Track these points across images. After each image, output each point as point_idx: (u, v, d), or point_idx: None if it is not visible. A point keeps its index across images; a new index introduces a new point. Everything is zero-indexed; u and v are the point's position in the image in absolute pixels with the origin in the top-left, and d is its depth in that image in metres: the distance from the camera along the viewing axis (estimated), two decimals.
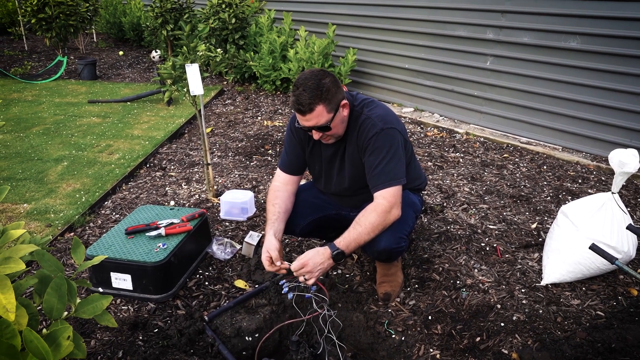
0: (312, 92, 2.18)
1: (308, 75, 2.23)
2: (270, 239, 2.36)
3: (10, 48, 10.87)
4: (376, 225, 2.27)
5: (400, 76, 6.29)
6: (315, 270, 2.21)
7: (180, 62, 3.31)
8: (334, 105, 2.26)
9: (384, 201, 2.29)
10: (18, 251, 1.10)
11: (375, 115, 2.35)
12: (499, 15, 5.09)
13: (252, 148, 4.93)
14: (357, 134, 2.38)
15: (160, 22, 8.36)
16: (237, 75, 7.46)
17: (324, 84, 2.20)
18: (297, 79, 2.25)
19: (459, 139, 5.18)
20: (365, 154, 2.36)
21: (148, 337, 2.41)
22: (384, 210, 2.28)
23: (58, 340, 1.07)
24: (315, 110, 2.21)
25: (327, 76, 2.24)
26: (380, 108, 2.40)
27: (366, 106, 2.40)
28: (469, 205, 3.65)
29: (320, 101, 2.20)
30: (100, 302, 1.24)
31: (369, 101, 2.43)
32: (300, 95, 2.20)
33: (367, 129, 2.34)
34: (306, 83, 2.19)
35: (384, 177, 2.30)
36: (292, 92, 2.25)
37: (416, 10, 5.87)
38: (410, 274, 2.84)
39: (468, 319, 2.50)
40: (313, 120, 2.24)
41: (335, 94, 2.24)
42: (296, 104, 2.23)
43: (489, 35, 5.20)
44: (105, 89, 7.51)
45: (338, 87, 2.27)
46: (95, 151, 4.92)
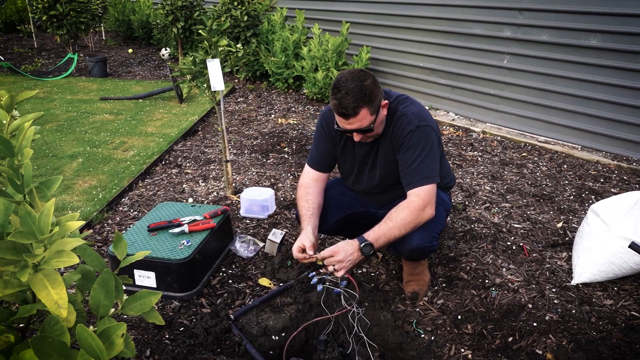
0: (355, 95, 2.12)
1: (349, 77, 2.16)
2: (308, 233, 2.32)
3: (19, 45, 10.85)
4: (408, 222, 2.22)
5: (415, 74, 6.24)
6: (345, 260, 2.16)
7: (201, 57, 3.27)
8: (376, 107, 2.21)
9: (417, 199, 2.24)
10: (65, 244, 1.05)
11: (410, 113, 2.30)
12: (516, 13, 5.03)
13: (267, 146, 4.88)
14: (392, 130, 2.33)
15: (170, 20, 8.33)
16: (249, 73, 7.42)
17: (366, 87, 2.14)
18: (336, 81, 2.18)
19: (475, 138, 5.13)
20: (400, 151, 2.31)
21: (174, 335, 2.36)
22: (417, 207, 2.23)
23: (111, 338, 1.03)
24: (359, 113, 2.16)
25: (367, 77, 2.18)
26: (415, 105, 2.36)
27: (401, 103, 2.35)
28: (492, 204, 3.60)
29: (364, 104, 2.14)
30: (148, 299, 1.20)
31: (404, 98, 2.39)
32: (343, 98, 2.13)
33: (402, 126, 2.29)
34: (348, 86, 2.13)
35: (418, 175, 2.25)
36: (332, 94, 2.18)
37: (431, 8, 5.82)
38: (437, 272, 2.80)
39: (499, 319, 2.45)
40: (356, 123, 2.19)
41: (377, 96, 2.19)
42: (339, 108, 2.16)
43: (506, 33, 5.14)
44: (116, 87, 7.48)
45: (379, 87, 2.22)
46: (109, 148, 4.89)
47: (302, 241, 2.27)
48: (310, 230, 2.34)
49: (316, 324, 2.54)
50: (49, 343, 0.99)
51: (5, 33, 12.37)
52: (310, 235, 2.31)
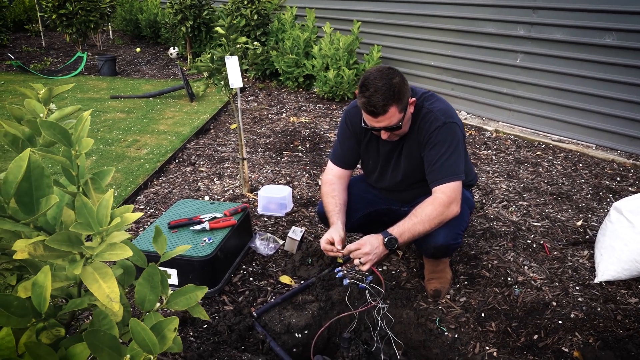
0: (384, 93, 2.11)
1: (377, 75, 2.15)
2: (338, 228, 2.32)
3: (27, 44, 10.87)
4: (432, 217, 2.21)
5: (426, 74, 6.22)
6: (372, 253, 2.15)
7: (220, 54, 3.26)
8: (405, 104, 2.20)
9: (443, 195, 2.23)
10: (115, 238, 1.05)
11: (437, 109, 2.29)
12: (530, 12, 5.01)
13: (281, 144, 4.87)
14: (418, 127, 2.32)
15: (179, 19, 8.32)
16: (258, 72, 7.41)
17: (395, 85, 2.12)
18: (365, 79, 2.16)
19: (489, 137, 5.11)
20: (426, 147, 2.30)
21: (198, 333, 2.36)
22: (442, 204, 2.22)
23: (163, 332, 1.02)
24: (388, 111, 2.15)
25: (396, 75, 2.16)
26: (440, 102, 2.35)
27: (427, 100, 2.34)
28: (509, 202, 3.59)
29: (393, 102, 2.13)
30: (194, 293, 1.19)
31: (429, 94, 2.37)
32: (372, 96, 2.12)
33: (428, 123, 2.28)
34: (377, 84, 2.11)
35: (444, 171, 2.24)
36: (360, 92, 2.17)
37: (443, 7, 5.80)
38: (459, 270, 2.78)
39: (523, 317, 2.43)
40: (385, 121, 2.18)
41: (405, 94, 2.18)
42: (368, 106, 2.15)
43: (520, 32, 5.13)
44: (126, 85, 7.48)
45: (406, 85, 2.21)
46: (122, 146, 4.89)
47: (331, 234, 2.27)
48: (340, 225, 2.34)
49: (338, 321, 2.53)
50: (101, 337, 0.99)
51: (13, 32, 12.38)
52: (340, 230, 2.31)
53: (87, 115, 1.00)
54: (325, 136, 5.08)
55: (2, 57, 9.28)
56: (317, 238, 3.13)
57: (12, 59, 8.64)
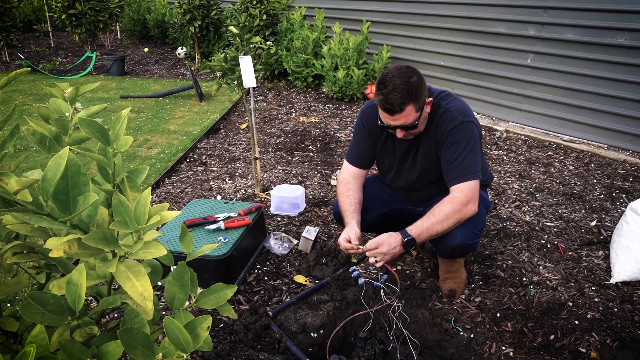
0: (402, 91, 2.11)
1: (395, 73, 2.15)
2: (353, 226, 2.33)
3: (36, 44, 10.91)
4: (450, 216, 2.21)
5: (436, 74, 6.21)
6: (388, 253, 2.17)
7: (233, 54, 3.27)
8: (422, 103, 2.20)
9: (460, 194, 2.23)
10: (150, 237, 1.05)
11: (454, 108, 2.29)
12: (541, 12, 5.00)
13: (291, 144, 4.88)
14: (435, 126, 2.32)
15: (187, 19, 8.34)
16: (267, 72, 7.42)
17: (412, 83, 2.13)
18: (382, 77, 2.17)
19: (499, 137, 5.10)
20: (443, 147, 2.30)
21: (215, 332, 2.36)
22: (460, 202, 2.22)
23: (196, 331, 1.03)
24: (405, 110, 2.15)
25: (414, 74, 2.17)
26: (457, 101, 2.35)
27: (443, 99, 2.34)
28: (522, 202, 3.58)
29: (410, 101, 2.14)
30: (224, 292, 1.19)
31: (446, 94, 2.37)
32: (389, 94, 2.13)
33: (445, 122, 2.28)
34: (395, 82, 2.12)
35: (461, 170, 2.24)
36: (377, 90, 2.18)
37: (453, 6, 5.79)
38: (473, 270, 2.78)
39: (539, 317, 2.43)
40: (401, 120, 2.19)
41: (422, 93, 2.19)
42: (385, 104, 2.16)
43: (531, 32, 5.11)
44: (135, 85, 7.51)
45: (424, 84, 2.21)
46: (133, 145, 4.90)
47: (348, 233, 2.28)
48: (355, 224, 2.35)
49: (353, 321, 2.53)
50: (135, 335, 0.99)
51: (22, 32, 12.43)
52: (356, 228, 2.32)
53: (126, 113, 1.01)
54: (336, 136, 5.08)
55: (12, 57, 9.32)
56: (331, 238, 3.13)
57: (21, 59, 8.68)
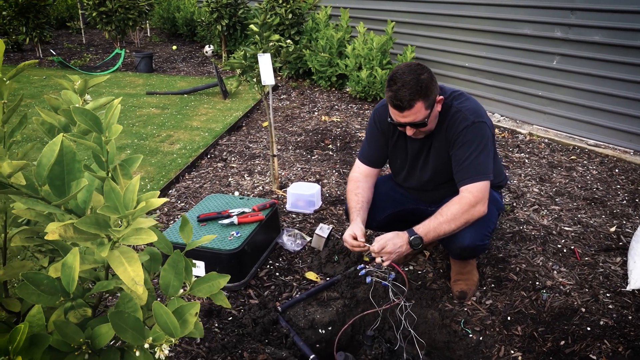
0: (411, 88, 2.12)
1: (406, 70, 2.16)
2: (358, 223, 2.34)
3: (69, 41, 11.18)
4: (458, 216, 2.19)
5: (460, 75, 6.16)
6: (393, 252, 2.17)
7: (252, 51, 3.30)
8: (431, 101, 2.20)
9: (469, 195, 2.21)
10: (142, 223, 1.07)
11: (466, 108, 2.28)
12: (568, 13, 4.91)
13: (312, 142, 4.90)
14: (447, 126, 2.31)
15: (215, 17, 8.44)
16: (292, 71, 7.46)
17: (423, 80, 2.13)
18: (393, 74, 2.17)
19: (522, 140, 5.04)
20: (454, 147, 2.28)
21: (223, 324, 2.39)
22: (468, 203, 2.20)
23: (185, 317, 1.05)
24: (414, 107, 2.15)
25: (424, 71, 2.17)
26: (470, 101, 2.33)
27: (456, 99, 2.33)
28: (540, 206, 3.53)
29: (419, 98, 2.14)
30: (217, 281, 1.21)
31: (458, 93, 2.36)
32: (398, 90, 2.13)
33: (457, 122, 2.27)
34: (404, 78, 2.12)
35: (471, 171, 2.23)
36: (387, 86, 2.18)
37: (478, 7, 5.73)
38: (486, 273, 2.75)
39: (550, 322, 2.40)
40: (411, 117, 2.18)
41: (432, 90, 2.18)
42: (395, 100, 2.16)
43: (557, 34, 5.03)
44: (161, 82, 7.63)
45: (435, 82, 2.21)
46: (156, 141, 4.98)
47: (353, 230, 2.29)
48: (360, 221, 2.36)
49: (362, 319, 2.53)
50: (125, 318, 1.02)
51: (56, 29, 12.75)
52: (361, 225, 2.33)
53: (117, 102, 1.04)
54: (356, 135, 5.09)
55: (45, 53, 9.56)
56: None
57: (53, 55, 8.89)
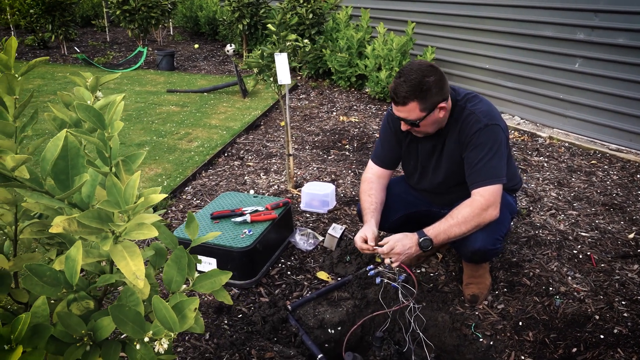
0: (411, 86, 2.14)
1: (415, 67, 2.17)
2: (371, 226, 2.34)
3: (93, 39, 11.35)
4: (468, 219, 2.17)
5: (480, 77, 6.10)
6: (402, 253, 2.17)
7: (269, 50, 3.31)
8: (429, 105, 2.19)
9: (481, 198, 2.19)
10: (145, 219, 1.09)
11: (479, 111, 2.26)
12: (591, 15, 4.84)
13: (329, 142, 4.90)
14: (460, 129, 2.29)
15: (237, 17, 8.49)
16: (311, 70, 7.47)
17: (425, 82, 2.14)
18: (403, 67, 2.20)
19: (542, 143, 4.97)
20: (467, 149, 2.27)
21: (233, 321, 2.41)
22: (479, 206, 2.18)
23: (184, 312, 1.06)
24: (407, 105, 2.18)
25: (433, 74, 2.16)
26: (483, 103, 2.31)
27: (469, 101, 2.31)
28: (557, 210, 3.48)
29: (415, 98, 2.15)
30: (219, 278, 1.22)
31: (472, 95, 2.34)
32: (398, 85, 2.16)
33: (470, 124, 2.25)
34: (409, 75, 2.14)
35: (484, 174, 2.21)
36: (394, 77, 2.20)
37: (500, 8, 5.68)
38: (499, 277, 2.73)
39: (563, 328, 2.36)
40: (403, 113, 2.22)
41: (434, 95, 2.17)
42: (392, 92, 2.20)
43: (580, 36, 4.95)
44: (182, 80, 7.70)
45: (441, 88, 2.19)
46: (175, 138, 5.03)
47: (365, 232, 2.29)
48: (374, 223, 2.35)
49: (372, 320, 2.53)
50: (126, 311, 1.03)
51: (81, 27, 12.96)
52: (374, 227, 2.33)
53: (120, 99, 1.05)
54: (374, 136, 5.07)
55: (69, 50, 9.72)
56: None
57: (78, 52, 9.03)
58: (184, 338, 2.28)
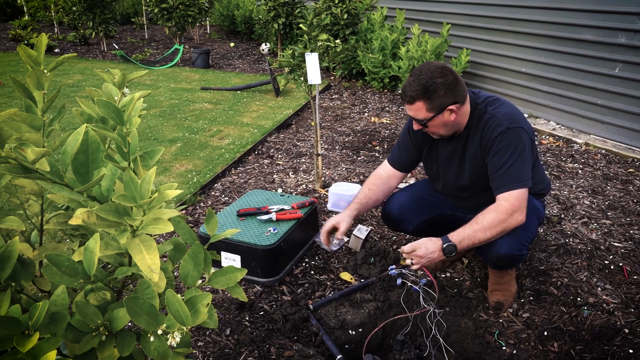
0: (419, 86, 2.14)
1: (428, 67, 2.18)
2: (350, 216, 2.48)
3: (132, 36, 11.59)
4: (494, 225, 2.13)
5: (515, 80, 6.00)
6: (424, 257, 2.15)
7: (300, 50, 3.33)
8: (437, 106, 2.18)
9: (506, 203, 2.15)
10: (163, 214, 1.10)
11: (500, 114, 2.22)
12: (634, 18, 4.70)
13: (359, 143, 4.89)
14: (481, 133, 2.26)
15: (272, 16, 8.55)
16: (345, 71, 7.46)
17: (433, 83, 2.13)
18: (418, 67, 2.21)
19: (577, 150, 4.86)
20: (489, 154, 2.23)
21: (254, 318, 2.42)
22: (504, 211, 2.14)
23: (197, 307, 1.07)
24: (414, 104, 2.19)
25: (444, 76, 2.15)
26: (505, 106, 2.27)
27: (490, 104, 2.28)
28: (590, 219, 3.40)
29: (421, 98, 2.16)
30: (234, 274, 1.23)
31: (494, 99, 2.30)
32: (409, 83, 2.18)
33: (491, 129, 2.22)
34: (420, 74, 2.16)
35: (507, 179, 2.17)
36: (408, 76, 2.23)
37: (538, 11, 5.56)
38: (525, 284, 2.67)
39: (590, 340, 2.30)
40: (412, 111, 2.24)
41: (442, 97, 2.16)
42: (402, 90, 2.23)
43: (621, 40, 4.81)
44: (217, 78, 7.79)
45: (450, 90, 2.17)
46: (206, 135, 5.10)
47: (339, 220, 2.46)
48: (354, 215, 2.50)
49: (394, 323, 2.51)
50: (140, 304, 1.05)
51: (121, 24, 13.25)
52: (350, 220, 2.48)
53: (139, 95, 1.07)
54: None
55: (109, 47, 9.95)
56: (383, 238, 3.12)
57: (116, 49, 9.24)
58: (205, 333, 2.31)
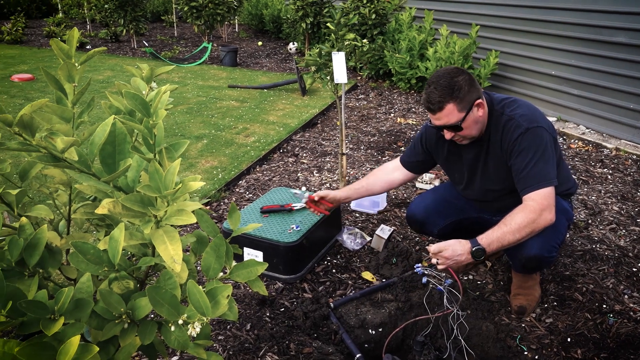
0: (443, 89, 2.12)
1: (441, 73, 2.17)
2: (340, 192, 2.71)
3: (162, 34, 11.75)
4: (523, 226, 2.10)
5: (545, 83, 5.91)
6: (451, 258, 2.13)
7: (327, 49, 3.33)
8: (466, 104, 2.15)
9: (533, 203, 2.12)
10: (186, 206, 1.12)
11: (518, 115, 2.20)
12: None
13: (384, 143, 4.88)
14: (501, 136, 2.24)
15: (300, 15, 8.58)
16: (372, 71, 7.45)
17: (456, 82, 2.12)
18: (430, 77, 2.19)
19: (607, 154, 4.76)
20: (511, 157, 2.20)
21: (274, 315, 2.44)
22: (532, 210, 2.11)
23: (217, 298, 1.09)
24: (445, 108, 2.14)
25: (460, 74, 2.15)
26: (522, 107, 2.24)
27: (507, 106, 2.25)
28: (618, 225, 3.33)
29: (450, 99, 2.13)
30: (255, 268, 1.25)
31: (510, 100, 2.28)
32: (430, 93, 2.15)
33: (510, 131, 2.19)
34: (438, 81, 2.14)
35: (532, 179, 2.14)
36: (424, 89, 2.20)
37: (569, 13, 5.47)
38: (549, 289, 2.64)
39: (615, 348, 2.26)
40: (443, 119, 2.18)
41: (468, 93, 2.14)
42: (426, 102, 2.18)
43: None
44: (244, 76, 7.85)
45: (472, 85, 2.16)
46: (232, 132, 5.14)
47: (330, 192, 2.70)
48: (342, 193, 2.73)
49: (415, 324, 2.50)
50: (162, 294, 1.07)
51: (151, 22, 13.44)
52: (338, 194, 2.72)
53: (166, 89, 1.09)
54: None
55: (139, 44, 10.10)
56: (405, 239, 3.11)
57: (146, 46, 9.37)
58: (225, 327, 2.33)
